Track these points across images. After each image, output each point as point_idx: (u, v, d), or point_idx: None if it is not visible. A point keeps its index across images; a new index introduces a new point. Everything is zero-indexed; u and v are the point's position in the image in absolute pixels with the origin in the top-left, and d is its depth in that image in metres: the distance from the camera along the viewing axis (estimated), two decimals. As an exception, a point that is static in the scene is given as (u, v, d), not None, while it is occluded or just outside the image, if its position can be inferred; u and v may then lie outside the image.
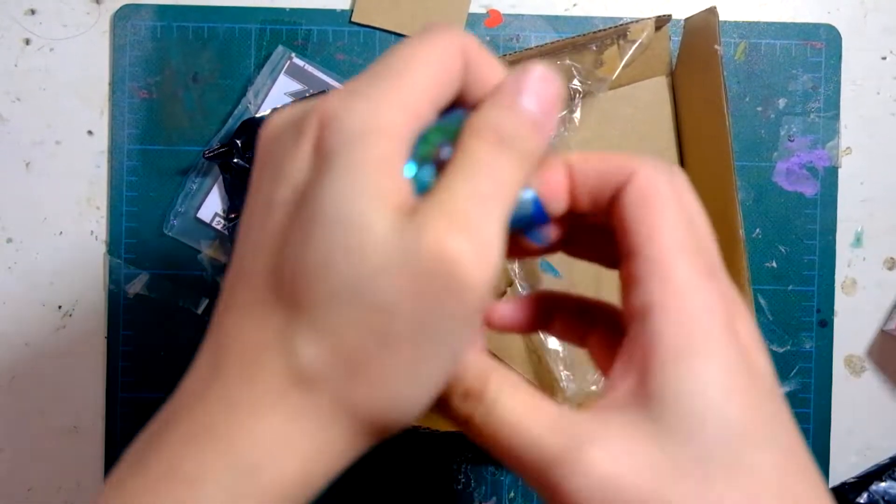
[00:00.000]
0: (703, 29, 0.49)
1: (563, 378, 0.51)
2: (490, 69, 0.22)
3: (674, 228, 0.22)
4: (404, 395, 0.20)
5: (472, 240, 0.19)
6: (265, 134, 0.22)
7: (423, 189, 0.21)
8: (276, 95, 0.54)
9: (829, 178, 0.55)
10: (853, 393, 0.55)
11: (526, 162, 0.21)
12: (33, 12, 0.55)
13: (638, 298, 0.21)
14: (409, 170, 0.21)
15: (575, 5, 0.56)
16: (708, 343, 0.20)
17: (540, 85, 0.21)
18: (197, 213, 0.55)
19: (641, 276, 0.21)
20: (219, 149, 0.53)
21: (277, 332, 0.20)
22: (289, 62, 0.54)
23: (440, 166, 0.21)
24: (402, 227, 0.19)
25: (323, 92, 0.54)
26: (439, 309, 0.19)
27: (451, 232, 0.19)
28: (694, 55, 0.51)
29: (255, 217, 0.22)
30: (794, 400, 0.55)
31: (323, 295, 0.19)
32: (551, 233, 0.25)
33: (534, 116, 0.21)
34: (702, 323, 0.20)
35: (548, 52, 0.50)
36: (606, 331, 0.27)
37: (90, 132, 0.55)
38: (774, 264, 0.55)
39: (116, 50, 0.55)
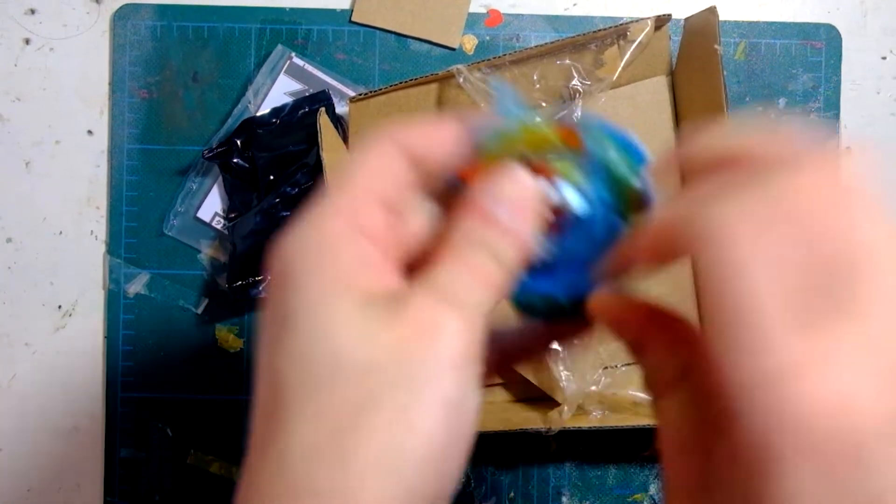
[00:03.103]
0: (703, 29, 0.49)
1: (563, 378, 0.51)
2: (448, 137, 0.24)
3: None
4: (399, 445, 0.20)
5: (453, 306, 0.21)
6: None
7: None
8: (275, 95, 0.54)
9: (829, 178, 0.55)
10: (853, 393, 0.55)
11: (502, 264, 0.22)
12: (33, 12, 0.55)
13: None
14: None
15: (575, 5, 0.56)
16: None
17: (508, 187, 0.23)
18: (197, 212, 0.55)
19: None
20: (218, 148, 0.53)
21: (266, 438, 0.21)
22: (289, 62, 0.54)
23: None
24: (373, 312, 0.21)
25: (323, 92, 0.54)
26: (418, 356, 0.20)
27: (430, 300, 0.21)
28: (694, 55, 0.51)
29: (259, 362, 0.23)
30: (794, 400, 0.55)
31: (305, 388, 0.20)
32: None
33: (504, 223, 0.22)
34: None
35: (548, 52, 0.50)
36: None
37: (90, 132, 0.55)
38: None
39: (116, 50, 0.55)
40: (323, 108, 0.50)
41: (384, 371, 0.20)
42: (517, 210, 0.23)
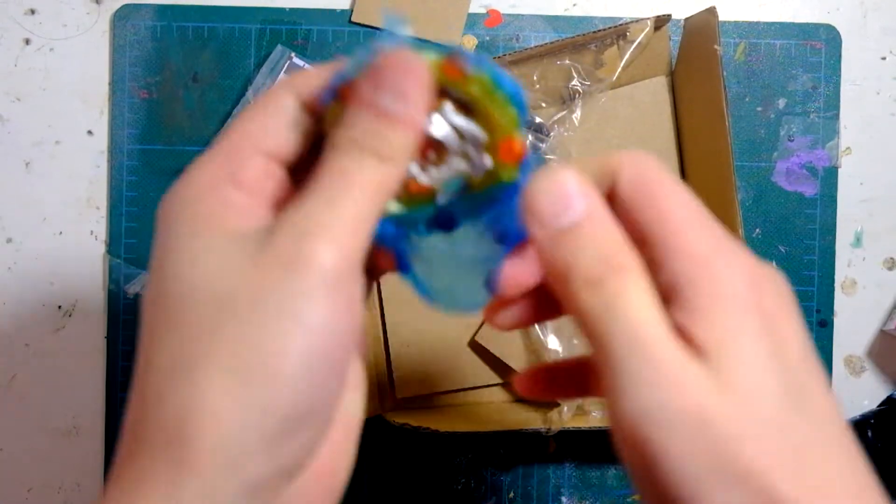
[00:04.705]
0: (702, 29, 0.49)
1: (549, 343, 0.51)
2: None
3: (680, 207, 0.22)
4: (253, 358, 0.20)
5: (318, 236, 0.20)
6: None
7: None
8: (275, 95, 0.54)
9: (828, 178, 0.55)
10: (853, 393, 0.55)
11: (384, 157, 0.21)
12: (33, 12, 0.55)
13: (664, 278, 0.22)
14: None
15: (575, 5, 0.56)
16: (738, 313, 0.21)
17: (390, 73, 0.21)
18: (197, 213, 0.55)
19: (662, 259, 0.22)
20: (219, 149, 0.53)
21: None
22: (288, 62, 0.54)
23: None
24: (241, 246, 0.21)
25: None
26: (280, 287, 0.20)
27: (296, 230, 0.20)
28: (694, 55, 0.51)
29: None
30: (793, 400, 0.55)
31: (169, 312, 0.21)
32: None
33: (386, 109, 0.21)
34: (730, 293, 0.21)
35: (548, 53, 0.50)
36: None
37: (90, 132, 0.55)
38: (774, 264, 0.55)
39: (116, 50, 0.55)
40: (323, 109, 0.50)
41: (241, 298, 0.20)
42: (401, 94, 0.21)
